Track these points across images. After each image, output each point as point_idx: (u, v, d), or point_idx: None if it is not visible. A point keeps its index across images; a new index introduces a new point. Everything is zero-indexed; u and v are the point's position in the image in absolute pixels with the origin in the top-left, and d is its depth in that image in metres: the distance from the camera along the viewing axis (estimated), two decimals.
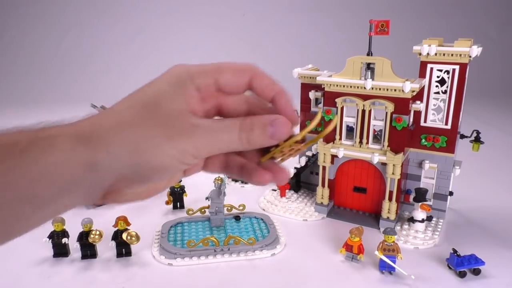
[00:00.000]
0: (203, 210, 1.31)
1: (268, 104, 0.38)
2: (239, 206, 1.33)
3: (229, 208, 1.32)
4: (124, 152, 0.31)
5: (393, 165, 1.18)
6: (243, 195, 1.50)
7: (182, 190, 1.41)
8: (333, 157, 1.28)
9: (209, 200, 1.25)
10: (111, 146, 0.31)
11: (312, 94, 1.40)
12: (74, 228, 1.13)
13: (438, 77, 1.19)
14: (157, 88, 0.34)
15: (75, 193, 0.31)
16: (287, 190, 1.46)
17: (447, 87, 1.19)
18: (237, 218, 1.30)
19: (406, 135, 1.19)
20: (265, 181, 0.37)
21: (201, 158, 0.36)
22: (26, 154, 0.29)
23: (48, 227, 1.11)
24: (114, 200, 0.35)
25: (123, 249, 1.13)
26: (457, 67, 1.16)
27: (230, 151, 0.35)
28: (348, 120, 1.25)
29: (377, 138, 1.25)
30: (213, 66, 0.36)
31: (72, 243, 1.12)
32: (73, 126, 0.32)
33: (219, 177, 1.25)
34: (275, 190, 1.49)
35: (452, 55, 1.14)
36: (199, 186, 1.43)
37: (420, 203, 1.19)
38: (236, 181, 1.62)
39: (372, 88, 1.16)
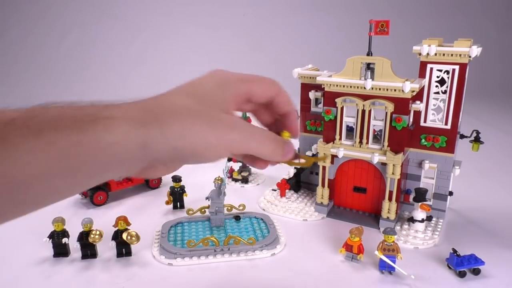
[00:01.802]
0: (203, 210, 1.31)
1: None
2: (239, 206, 1.33)
3: (229, 208, 1.32)
4: (175, 136, 0.35)
5: (393, 165, 1.18)
6: (243, 195, 1.50)
7: (182, 190, 1.41)
8: (333, 157, 1.28)
9: (209, 200, 1.25)
10: (164, 128, 0.34)
11: (312, 94, 1.40)
12: (74, 228, 1.13)
13: (438, 77, 1.19)
14: (205, 85, 0.40)
15: (122, 167, 0.34)
16: (287, 190, 1.46)
17: (447, 87, 1.19)
18: (237, 218, 1.30)
19: (406, 135, 1.19)
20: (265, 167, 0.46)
21: (232, 154, 0.41)
22: (90, 131, 0.31)
23: (48, 226, 1.12)
24: (149, 174, 0.39)
25: (123, 249, 1.13)
26: (457, 67, 1.16)
27: (255, 154, 0.41)
28: (348, 120, 1.25)
29: (377, 138, 1.25)
30: (249, 77, 0.43)
31: (72, 243, 1.12)
32: (132, 107, 0.35)
33: (219, 177, 1.25)
34: (275, 190, 1.49)
35: (452, 55, 1.15)
36: (199, 186, 1.43)
37: (420, 203, 1.19)
38: (236, 181, 1.62)
39: (372, 88, 1.16)
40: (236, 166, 1.67)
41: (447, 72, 1.18)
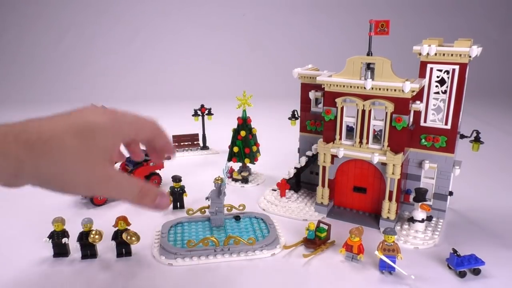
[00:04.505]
0: (203, 210, 1.31)
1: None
2: (239, 206, 1.33)
3: (229, 208, 1.32)
4: (48, 175, 0.38)
5: (393, 165, 1.18)
6: (243, 195, 1.50)
7: (182, 190, 1.41)
8: (333, 157, 1.28)
9: (209, 200, 1.24)
10: (40, 164, 0.37)
11: (312, 94, 1.40)
12: (74, 228, 1.13)
13: (438, 77, 1.19)
14: (92, 120, 0.40)
15: None
16: (287, 190, 1.46)
17: (447, 87, 1.19)
18: (237, 218, 1.30)
19: (406, 135, 1.19)
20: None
21: None
22: None
23: (48, 226, 1.11)
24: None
25: (123, 249, 1.13)
26: (457, 67, 1.16)
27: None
28: (348, 120, 1.25)
29: (377, 138, 1.25)
30: (133, 120, 0.44)
31: (72, 243, 1.12)
32: (11, 141, 0.36)
33: (219, 177, 1.25)
34: (275, 190, 1.50)
35: (452, 55, 1.14)
36: (199, 186, 1.43)
37: (420, 203, 1.19)
38: (236, 181, 1.62)
39: (372, 88, 1.16)
40: (236, 166, 1.67)
41: (447, 72, 1.18)
